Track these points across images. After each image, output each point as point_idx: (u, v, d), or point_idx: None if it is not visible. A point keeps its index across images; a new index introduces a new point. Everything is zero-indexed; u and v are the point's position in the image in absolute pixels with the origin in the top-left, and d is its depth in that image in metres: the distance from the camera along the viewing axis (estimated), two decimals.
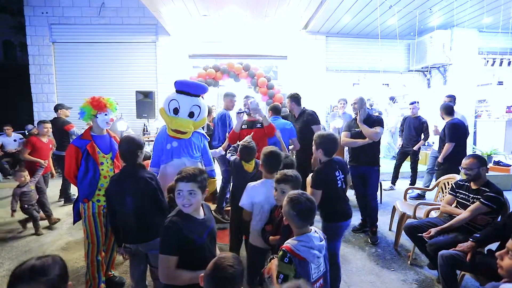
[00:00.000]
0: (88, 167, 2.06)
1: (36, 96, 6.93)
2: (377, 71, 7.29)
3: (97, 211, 2.09)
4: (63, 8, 6.82)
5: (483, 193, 2.16)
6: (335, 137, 2.19)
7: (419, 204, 2.84)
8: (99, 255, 2.13)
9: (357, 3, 5.55)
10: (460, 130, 3.73)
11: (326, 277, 1.38)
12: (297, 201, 1.34)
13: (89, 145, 2.07)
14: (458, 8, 5.58)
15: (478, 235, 1.96)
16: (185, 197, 1.34)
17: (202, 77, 5.74)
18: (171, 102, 2.39)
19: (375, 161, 3.13)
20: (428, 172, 4.59)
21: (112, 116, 2.18)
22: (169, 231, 1.31)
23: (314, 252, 1.28)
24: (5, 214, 4.01)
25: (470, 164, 2.25)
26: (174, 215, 1.37)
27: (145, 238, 1.80)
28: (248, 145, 2.27)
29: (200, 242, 1.36)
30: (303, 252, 1.26)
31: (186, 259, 1.31)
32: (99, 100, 2.11)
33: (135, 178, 1.80)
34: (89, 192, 2.07)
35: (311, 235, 1.33)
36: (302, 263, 1.25)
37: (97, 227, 2.11)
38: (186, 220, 1.35)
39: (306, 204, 1.34)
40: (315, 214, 1.37)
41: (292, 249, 1.27)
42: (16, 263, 2.66)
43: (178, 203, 1.37)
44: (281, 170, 1.80)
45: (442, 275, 1.97)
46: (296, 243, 1.29)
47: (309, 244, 1.29)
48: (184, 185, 1.34)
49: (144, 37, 7.02)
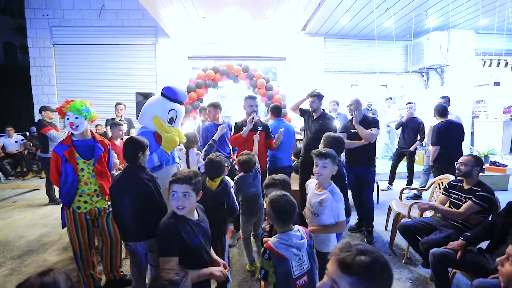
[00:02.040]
0: (67, 173, 2.01)
1: (37, 98, 6.99)
2: (374, 72, 7.35)
3: (78, 218, 2.05)
4: (63, 10, 6.88)
5: (474, 193, 2.21)
6: (343, 138, 2.34)
7: (413, 204, 2.89)
8: (87, 263, 2.13)
9: (354, 5, 5.62)
10: (443, 132, 3.74)
11: (312, 275, 1.41)
12: (276, 203, 1.39)
13: (66, 150, 2.01)
14: (454, 11, 5.66)
15: (469, 234, 2.01)
16: (179, 198, 1.37)
17: (201, 78, 5.80)
18: (171, 112, 2.37)
19: (371, 162, 3.18)
20: (424, 172, 4.65)
21: (76, 120, 2.02)
22: (166, 233, 1.34)
23: (293, 249, 1.33)
24: (7, 214, 4.06)
25: (466, 160, 2.32)
26: (169, 217, 1.39)
27: (143, 237, 1.85)
28: (214, 159, 2.05)
29: (196, 242, 1.40)
30: (281, 250, 1.32)
31: (183, 260, 1.34)
32: (61, 105, 2.05)
33: (135, 178, 1.85)
34: (68, 200, 2.04)
35: (291, 234, 1.37)
36: (280, 260, 1.31)
37: (78, 235, 2.07)
38: (181, 222, 1.38)
39: (285, 207, 1.37)
40: (294, 215, 1.41)
41: (271, 246, 1.34)
42: (18, 262, 2.73)
43: (172, 205, 1.39)
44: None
45: (434, 273, 2.02)
46: (276, 240, 1.36)
47: (288, 242, 1.34)
48: (178, 187, 1.37)
49: (144, 39, 7.09)
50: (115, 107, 4.77)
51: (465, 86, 7.20)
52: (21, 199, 4.84)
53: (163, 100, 2.40)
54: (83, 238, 2.09)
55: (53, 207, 4.34)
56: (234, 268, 2.58)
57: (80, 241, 2.09)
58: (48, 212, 4.13)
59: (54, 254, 2.91)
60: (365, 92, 8.17)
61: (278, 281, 1.33)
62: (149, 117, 2.33)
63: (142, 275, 1.99)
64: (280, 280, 1.33)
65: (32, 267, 2.66)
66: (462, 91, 7.02)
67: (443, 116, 3.89)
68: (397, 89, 8.42)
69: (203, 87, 5.81)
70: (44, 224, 3.69)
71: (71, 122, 2.02)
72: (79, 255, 2.11)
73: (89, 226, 2.13)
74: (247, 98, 3.26)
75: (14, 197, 4.94)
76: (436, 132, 3.79)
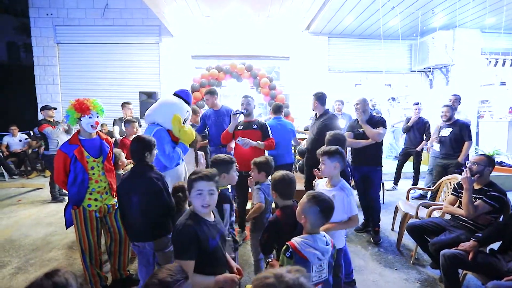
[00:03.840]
0: (76, 173, 2.01)
1: (41, 97, 7.01)
2: (379, 72, 7.30)
3: (88, 216, 2.06)
4: (67, 9, 6.89)
5: (485, 193, 2.18)
6: (345, 137, 2.36)
7: (421, 204, 2.86)
8: (95, 261, 2.13)
9: (359, 4, 5.58)
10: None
11: (327, 286, 1.38)
12: (322, 198, 1.39)
13: (76, 150, 2.00)
14: (461, 9, 5.60)
15: (480, 235, 1.98)
16: (206, 196, 1.32)
17: (205, 77, 5.78)
18: (187, 113, 2.47)
19: (377, 162, 3.15)
20: (429, 172, 4.61)
21: (98, 119, 2.09)
22: (184, 234, 1.27)
23: (316, 252, 1.30)
24: (12, 213, 4.07)
25: (479, 160, 2.28)
26: (187, 218, 1.33)
27: (151, 237, 1.84)
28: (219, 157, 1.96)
29: (214, 245, 1.34)
30: (304, 250, 1.29)
31: (201, 262, 1.29)
32: (82, 103, 2.03)
33: (142, 177, 1.84)
34: (79, 199, 2.03)
35: (317, 237, 1.35)
36: (302, 261, 1.28)
37: (88, 233, 2.07)
38: (199, 223, 1.32)
39: (329, 202, 1.41)
40: (333, 213, 1.42)
41: (295, 245, 1.31)
42: (24, 261, 2.73)
43: (197, 203, 1.33)
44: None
45: (444, 274, 1.99)
46: (301, 240, 1.33)
47: (313, 245, 1.31)
48: (205, 185, 1.32)
49: (147, 38, 7.08)
50: (123, 106, 4.75)
51: (471, 86, 7.13)
52: (26, 197, 4.85)
53: (181, 101, 2.47)
54: (92, 237, 2.09)
55: (57, 206, 4.34)
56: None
57: (90, 240, 2.09)
58: (53, 211, 4.13)
59: (59, 252, 2.91)
60: (369, 92, 8.12)
61: None
62: (169, 115, 2.34)
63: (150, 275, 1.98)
64: None
65: (38, 265, 2.66)
66: (467, 90, 6.95)
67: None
68: (401, 89, 8.36)
69: (206, 86, 5.79)
70: (48, 222, 3.69)
71: (96, 121, 2.08)
72: (87, 254, 2.10)
73: (98, 224, 2.14)
74: (242, 97, 3.26)
75: (19, 195, 4.95)
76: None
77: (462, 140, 3.78)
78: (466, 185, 2.17)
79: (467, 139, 3.75)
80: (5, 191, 5.15)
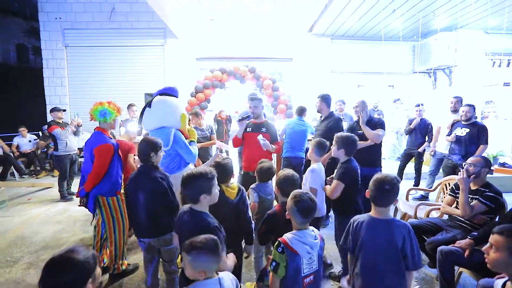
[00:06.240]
0: (115, 164, 2.33)
1: (50, 98, 7.20)
2: (381, 73, 7.33)
3: (120, 198, 2.38)
4: (75, 13, 7.07)
5: (482, 193, 2.22)
6: (355, 138, 2.39)
7: (420, 204, 2.90)
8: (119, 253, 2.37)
9: (361, 7, 5.63)
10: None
11: (318, 276, 1.48)
12: (300, 198, 1.46)
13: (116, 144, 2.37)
14: (463, 11, 5.61)
15: (476, 233, 2.03)
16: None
17: (208, 79, 5.88)
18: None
19: (377, 163, 3.20)
20: (431, 173, 4.63)
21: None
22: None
23: (306, 247, 1.39)
24: (23, 211, 4.21)
25: (475, 161, 2.32)
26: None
27: (156, 233, 1.94)
28: (222, 162, 1.92)
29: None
30: (295, 245, 1.38)
31: None
32: (116, 105, 2.39)
33: (148, 177, 1.93)
34: (119, 185, 2.37)
35: (306, 232, 1.44)
36: (293, 256, 1.38)
37: (123, 219, 2.38)
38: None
39: (308, 203, 1.46)
40: (314, 213, 1.48)
41: (286, 241, 1.40)
42: (35, 257, 2.84)
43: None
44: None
45: (440, 270, 2.04)
46: (291, 236, 1.42)
47: (303, 240, 1.40)
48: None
49: (153, 40, 7.24)
50: (129, 108, 4.88)
51: (474, 87, 7.12)
52: (35, 196, 5.00)
53: (176, 100, 2.62)
54: (125, 214, 2.38)
55: (65, 204, 4.48)
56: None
57: (124, 226, 2.36)
58: (61, 209, 4.26)
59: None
60: (371, 93, 8.14)
61: (287, 276, 1.39)
62: (177, 115, 2.49)
63: (155, 270, 2.07)
64: (289, 276, 1.39)
65: None
66: (470, 91, 6.93)
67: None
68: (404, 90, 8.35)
69: (210, 88, 5.89)
70: (58, 221, 3.81)
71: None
72: (119, 245, 2.36)
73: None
74: (248, 99, 3.22)
75: (29, 194, 5.10)
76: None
77: (476, 142, 3.61)
78: (463, 185, 2.22)
79: (483, 142, 3.58)
80: (15, 190, 5.31)
